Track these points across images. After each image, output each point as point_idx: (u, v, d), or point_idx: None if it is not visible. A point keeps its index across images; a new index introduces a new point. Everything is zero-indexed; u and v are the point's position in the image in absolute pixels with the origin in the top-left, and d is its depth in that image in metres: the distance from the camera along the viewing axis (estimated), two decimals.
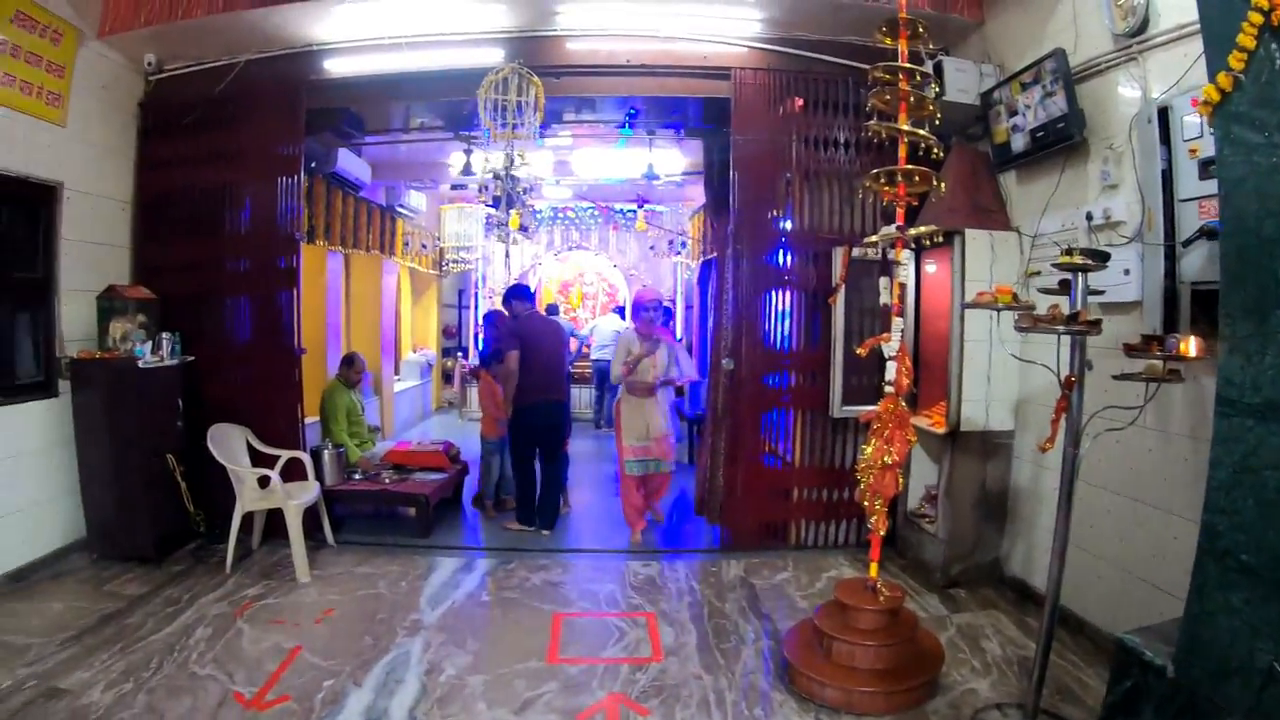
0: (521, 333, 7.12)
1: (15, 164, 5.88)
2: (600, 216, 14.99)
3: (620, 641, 4.88)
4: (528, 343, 7.05)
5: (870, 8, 5.77)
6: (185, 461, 6.50)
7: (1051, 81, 4.88)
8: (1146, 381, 3.56)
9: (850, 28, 6.17)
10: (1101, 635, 4.52)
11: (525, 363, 7.00)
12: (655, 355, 6.95)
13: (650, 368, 6.93)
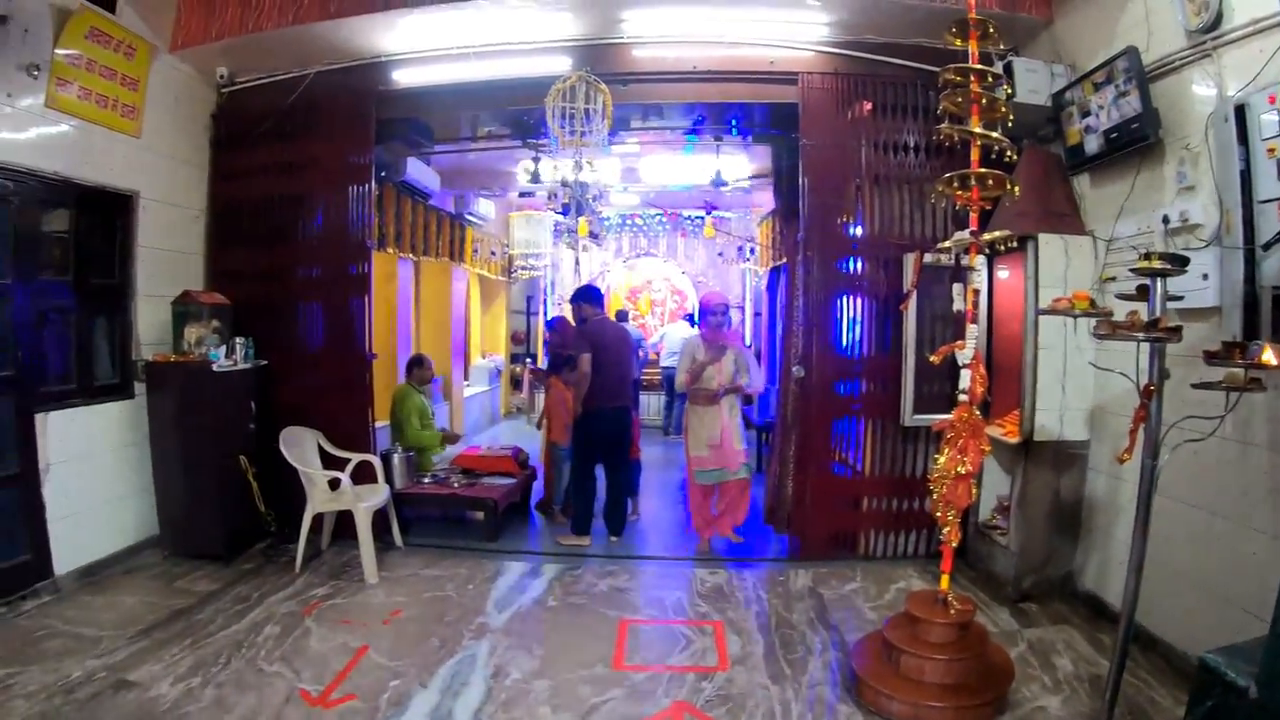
0: (591, 336, 7.03)
1: (93, 174, 6.06)
2: (668, 223, 15.00)
3: (687, 649, 4.84)
4: (597, 347, 6.96)
5: (938, 9, 5.68)
6: (257, 463, 6.63)
7: (1124, 81, 4.75)
8: (1227, 391, 3.44)
9: (918, 29, 6.08)
10: (1175, 653, 4.37)
11: (593, 367, 6.91)
12: (720, 362, 6.66)
13: (715, 375, 6.65)
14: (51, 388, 5.83)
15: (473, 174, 11.64)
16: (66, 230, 6.04)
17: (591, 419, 6.98)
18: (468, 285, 13.39)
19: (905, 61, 6.27)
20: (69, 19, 5.62)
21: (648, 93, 6.99)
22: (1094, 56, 5.17)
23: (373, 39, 6.71)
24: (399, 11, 6.23)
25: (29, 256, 5.66)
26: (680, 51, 6.60)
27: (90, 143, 5.99)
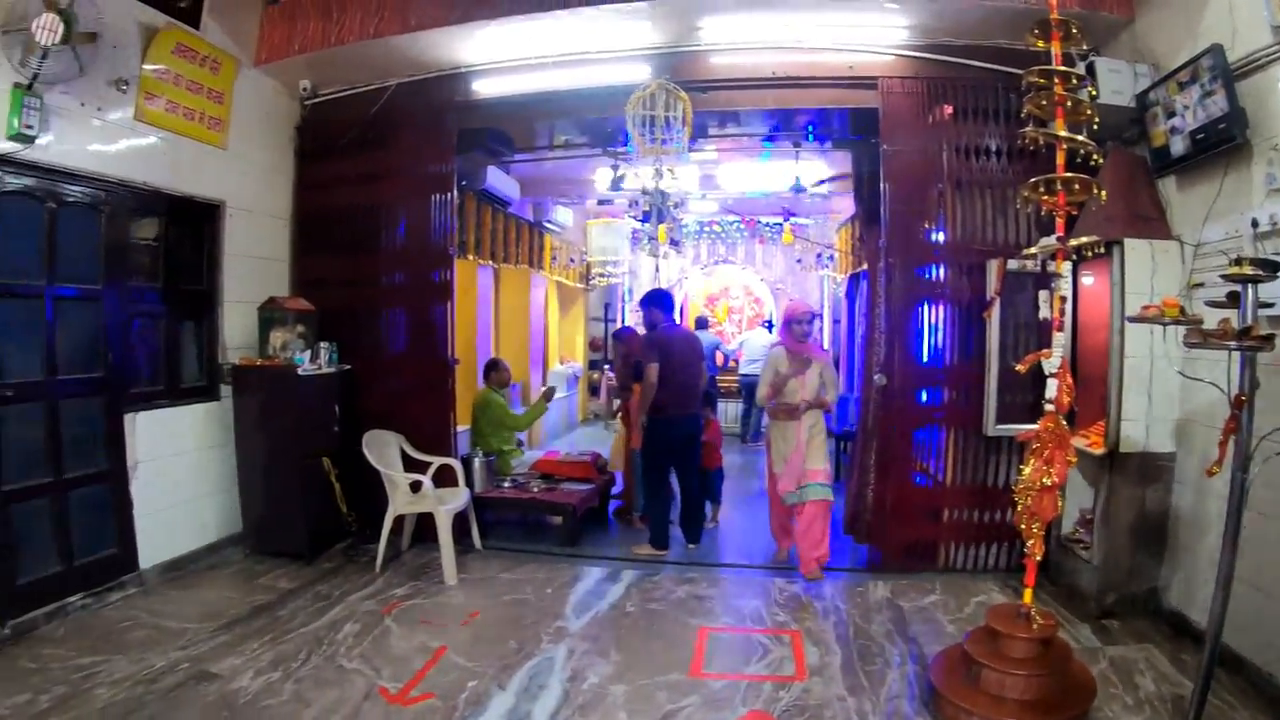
0: (660, 344, 6.92)
1: (181, 184, 6.28)
2: (746, 230, 14.92)
3: (764, 658, 4.78)
4: (666, 355, 6.83)
5: (1018, 9, 5.54)
6: (340, 464, 6.75)
7: (1210, 80, 4.58)
8: None
9: (998, 31, 5.96)
10: (1261, 676, 4.20)
11: (663, 375, 6.78)
12: (804, 375, 6.29)
13: (798, 389, 6.29)
14: (141, 389, 6.07)
15: (551, 182, 11.71)
16: (156, 238, 6.28)
17: (660, 427, 6.88)
18: (546, 292, 13.47)
19: (985, 64, 6.13)
20: (155, 35, 5.85)
21: (726, 99, 6.95)
22: (1177, 55, 5.01)
23: (452, 51, 6.79)
24: (477, 23, 6.31)
25: (120, 264, 5.88)
26: (758, 58, 6.57)
27: (178, 154, 6.19)
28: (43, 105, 4.98)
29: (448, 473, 6.80)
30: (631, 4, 5.98)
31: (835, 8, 5.97)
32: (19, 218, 5.12)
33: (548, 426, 12.70)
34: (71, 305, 5.48)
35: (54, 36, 4.69)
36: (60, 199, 5.38)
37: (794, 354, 6.36)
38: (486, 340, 10.62)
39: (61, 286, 5.39)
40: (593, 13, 6.10)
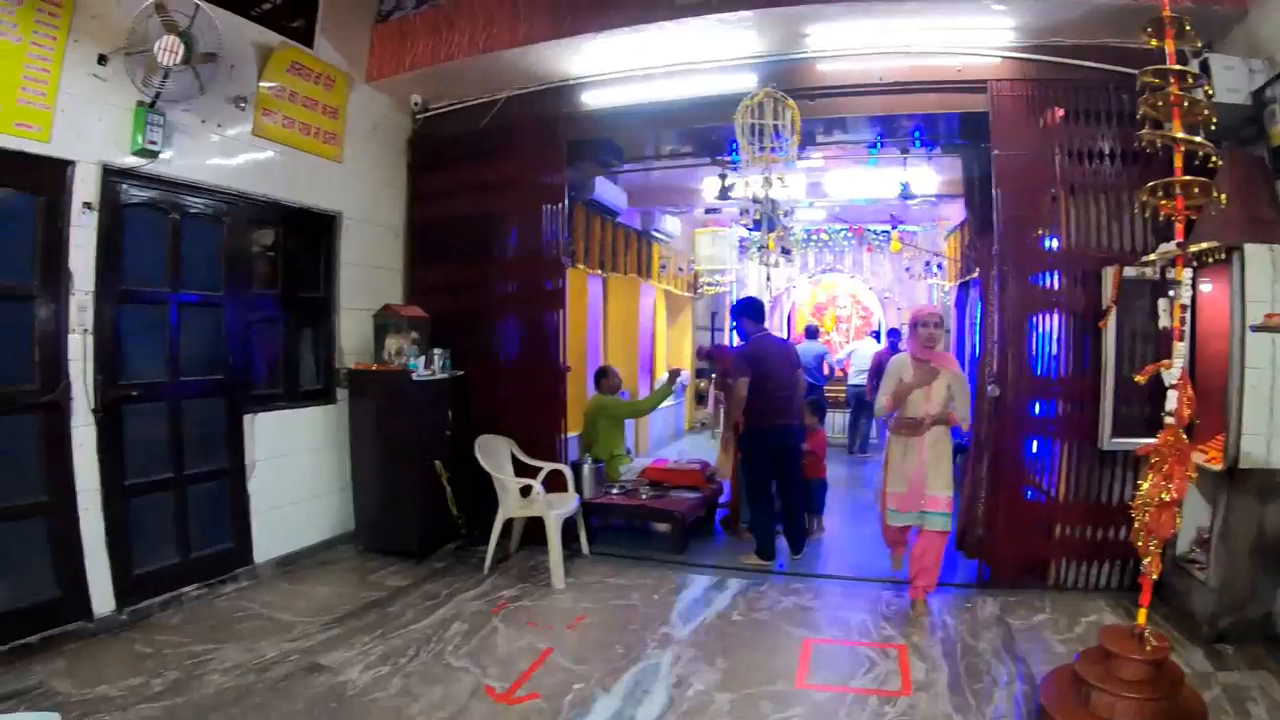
0: (752, 356, 6.82)
1: (298, 196, 6.56)
2: (854, 238, 14.75)
3: (870, 672, 4.69)
4: (759, 366, 6.72)
5: (1127, 6, 5.34)
6: (451, 468, 6.89)
7: None
8: None
9: (1108, 29, 5.76)
10: None
11: (757, 387, 6.69)
12: (931, 386, 5.65)
13: (922, 401, 5.66)
14: (260, 391, 6.35)
15: (659, 191, 11.74)
16: (274, 247, 6.54)
17: (756, 438, 6.79)
18: (654, 301, 13.54)
19: (1096, 64, 5.93)
20: (271, 55, 6.13)
21: (834, 106, 6.88)
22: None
23: (561, 63, 6.90)
24: (585, 36, 6.39)
25: (241, 272, 6.18)
26: (865, 63, 6.48)
27: (295, 167, 6.46)
28: (165, 122, 5.25)
29: (557, 478, 6.86)
30: (736, 14, 5.99)
31: (942, 11, 5.88)
32: (145, 228, 5.42)
33: (654, 435, 12.75)
34: (195, 311, 5.79)
35: (175, 57, 4.92)
36: (183, 210, 5.68)
37: (919, 362, 5.72)
38: (596, 348, 10.71)
39: (185, 293, 5.70)
40: (698, 23, 6.12)
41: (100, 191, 5.01)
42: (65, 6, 4.71)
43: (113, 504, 5.10)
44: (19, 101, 4.53)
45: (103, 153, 5.00)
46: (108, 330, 5.11)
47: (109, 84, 4.98)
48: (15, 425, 4.70)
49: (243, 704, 4.16)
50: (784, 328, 15.46)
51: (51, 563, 4.83)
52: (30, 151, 4.62)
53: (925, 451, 5.62)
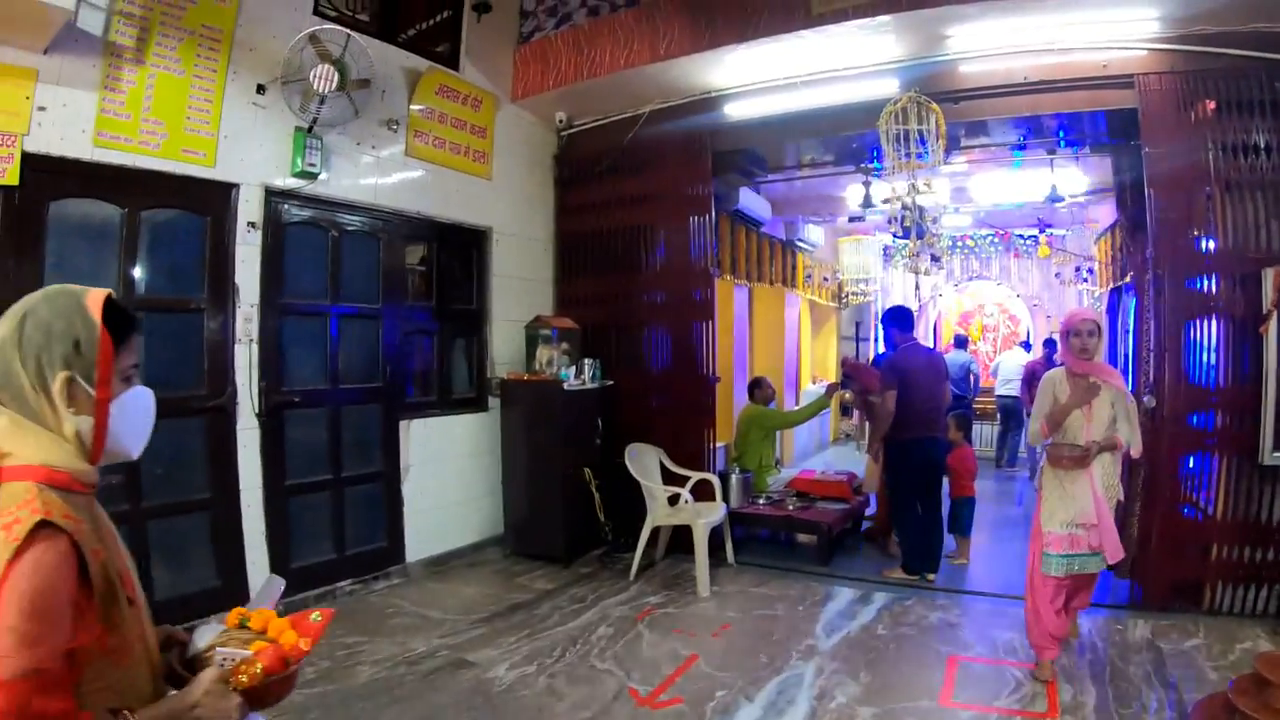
0: (898, 367, 6.65)
1: (450, 213, 6.83)
2: (1000, 244, 14.35)
3: (1016, 693, 4.55)
4: (906, 378, 6.54)
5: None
6: (599, 475, 7.01)
7: None
8: None
9: (1257, 13, 5.44)
10: None
11: (903, 398, 6.50)
12: (1092, 406, 4.71)
13: (1083, 424, 4.71)
14: (415, 399, 6.63)
15: (801, 201, 11.69)
16: (428, 262, 6.81)
17: (902, 449, 6.61)
18: (799, 310, 13.49)
19: (1247, 51, 5.60)
20: (419, 79, 6.41)
21: (978, 109, 6.74)
22: None
23: (702, 76, 6.96)
24: (725, 48, 6.43)
25: (396, 285, 6.46)
26: (1008, 63, 6.32)
27: (446, 185, 6.73)
28: (322, 145, 5.57)
29: (705, 487, 6.89)
30: (874, 18, 5.92)
31: (1082, 4, 5.68)
32: (305, 245, 5.77)
33: (799, 446, 12.67)
34: (353, 322, 6.11)
35: (330, 84, 5.21)
36: (341, 228, 6.00)
37: (1076, 376, 4.78)
38: (743, 358, 10.71)
39: (343, 305, 6.03)
40: (837, 29, 6.09)
41: (263, 211, 5.36)
42: (224, 41, 5.07)
43: (273, 502, 5.45)
44: (185, 130, 4.89)
45: (264, 175, 5.34)
46: (271, 340, 5.45)
47: (268, 111, 5.32)
48: (186, 428, 5.05)
49: (392, 694, 4.35)
50: (930, 337, 15.12)
51: (215, 554, 5.17)
52: (197, 176, 4.99)
53: (1097, 483, 4.66)
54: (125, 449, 1.64)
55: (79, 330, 1.53)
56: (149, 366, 4.78)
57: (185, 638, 1.75)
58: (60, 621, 1.38)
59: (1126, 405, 4.71)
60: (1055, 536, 4.70)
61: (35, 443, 1.50)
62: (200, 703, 1.52)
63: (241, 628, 1.74)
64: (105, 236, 4.71)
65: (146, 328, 4.81)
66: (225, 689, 1.57)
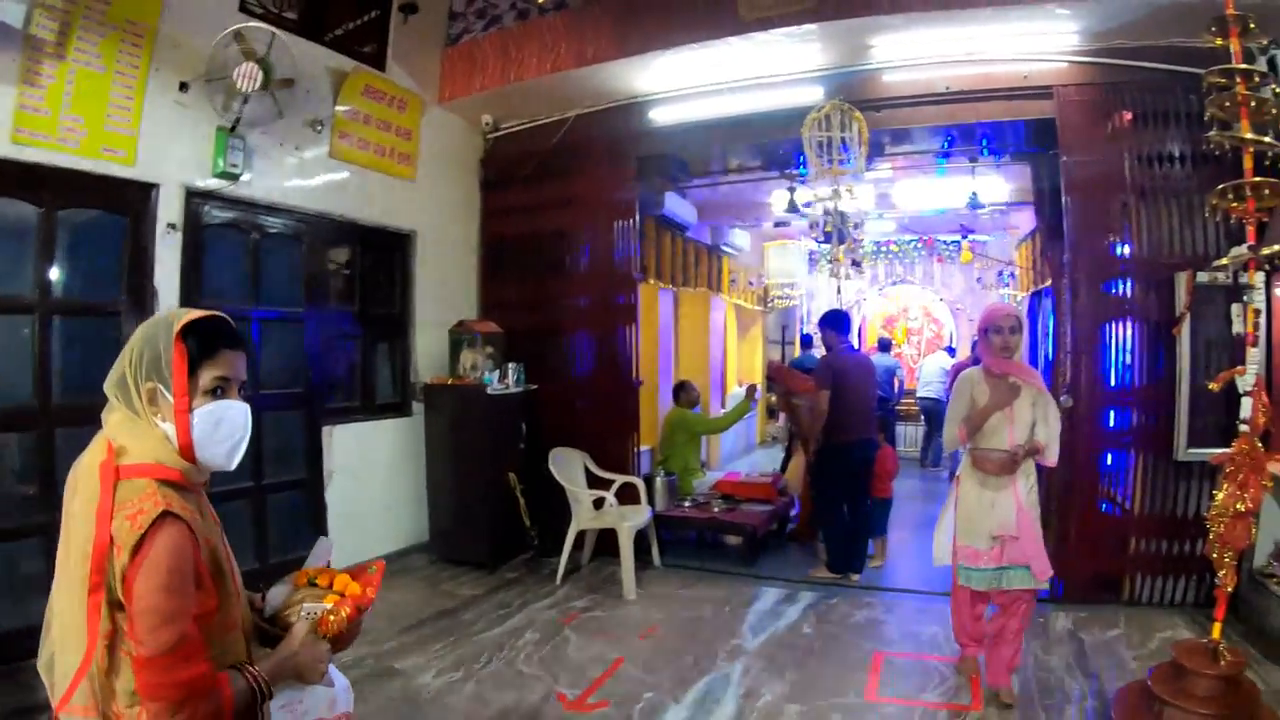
0: (835, 369, 6.72)
1: (374, 216, 6.77)
2: (924, 249, 14.64)
3: (941, 686, 4.65)
4: (841, 380, 6.64)
5: (1192, 5, 5.17)
6: (524, 480, 6.99)
7: None
8: None
9: (1173, 29, 5.62)
10: None
11: (840, 401, 6.61)
12: (1013, 408, 4.40)
13: (1005, 427, 4.40)
14: (338, 404, 6.55)
15: (727, 206, 11.74)
16: (351, 266, 6.74)
17: (836, 452, 6.70)
18: (725, 315, 13.57)
19: (1162, 65, 5.82)
20: (345, 79, 6.32)
21: (900, 117, 6.89)
22: None
23: (628, 81, 7.00)
24: (652, 54, 6.49)
25: (319, 289, 6.39)
26: (930, 73, 6.47)
27: (371, 187, 6.67)
28: (245, 145, 5.48)
29: (630, 490, 6.90)
30: (801, 26, 6.02)
31: (1004, 17, 5.82)
32: (227, 247, 5.67)
33: (726, 449, 12.77)
34: (275, 326, 6.02)
35: (253, 83, 5.12)
36: (263, 230, 5.91)
37: (995, 377, 4.46)
38: (668, 362, 10.76)
39: (266, 309, 5.92)
40: (763, 37, 6.17)
41: (183, 212, 5.25)
42: (147, 37, 4.95)
43: None
44: (105, 128, 4.78)
45: (185, 175, 5.24)
46: None
47: (190, 110, 5.21)
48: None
49: None
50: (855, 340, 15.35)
51: None
52: (117, 175, 4.87)
53: (1020, 491, 4.37)
54: (212, 456, 1.84)
55: (160, 347, 1.79)
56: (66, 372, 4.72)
57: (260, 603, 2.10)
58: (189, 595, 1.66)
59: (1047, 408, 4.43)
60: (972, 550, 4.43)
61: (147, 442, 1.77)
62: (298, 651, 1.88)
63: (310, 585, 2.11)
64: (21, 236, 4.60)
65: (63, 332, 4.75)
66: (315, 637, 1.93)
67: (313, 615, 1.96)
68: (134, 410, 1.78)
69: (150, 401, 1.78)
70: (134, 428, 1.78)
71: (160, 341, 1.80)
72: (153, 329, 1.83)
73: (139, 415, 1.78)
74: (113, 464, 1.72)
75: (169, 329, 1.81)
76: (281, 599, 2.06)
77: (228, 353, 1.86)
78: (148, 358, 1.79)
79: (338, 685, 2.09)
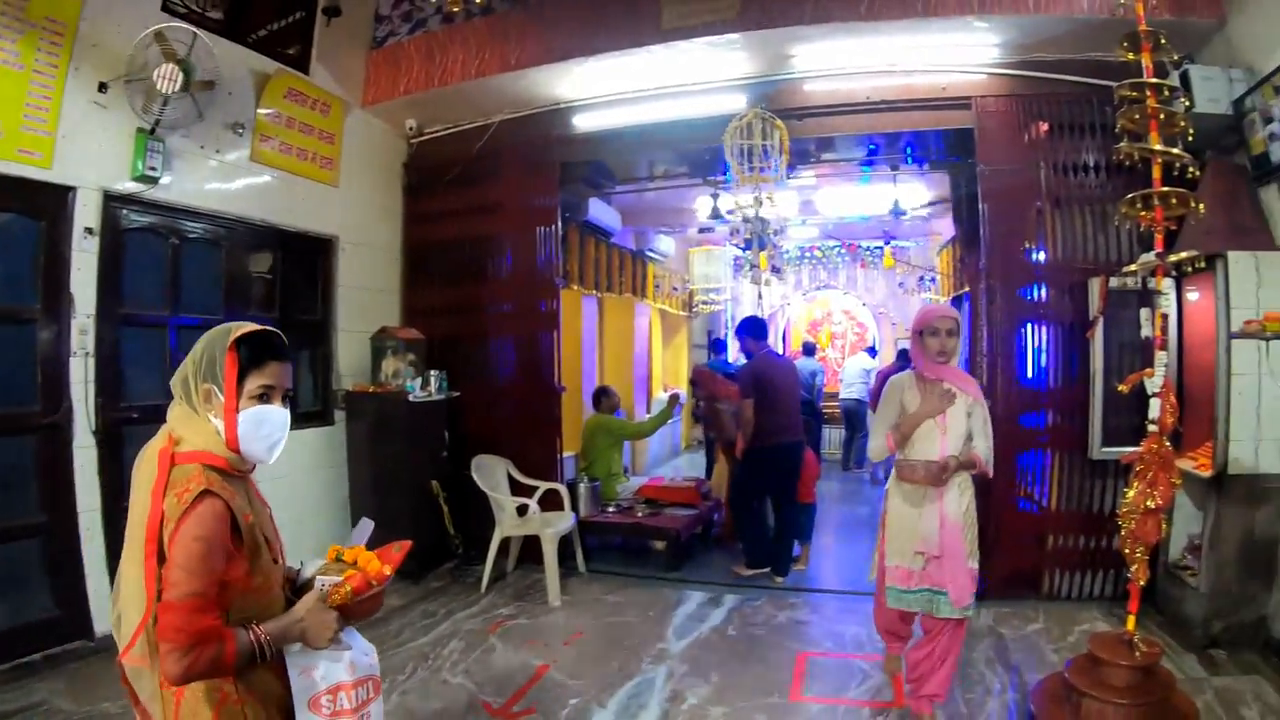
0: (758, 374, 6.87)
1: (295, 221, 6.65)
2: (847, 254, 14.85)
3: (864, 684, 4.75)
4: (766, 385, 6.75)
5: (1107, 21, 5.38)
6: (448, 488, 6.94)
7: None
8: None
9: (1089, 44, 5.83)
10: None
11: (766, 405, 6.71)
12: (946, 416, 4.08)
13: (938, 437, 4.07)
14: None
15: (652, 212, 11.82)
16: (272, 272, 6.60)
17: (762, 455, 6.77)
18: (650, 320, 13.58)
19: (1079, 78, 6.01)
20: (268, 81, 6.21)
21: (822, 126, 6.97)
22: (1272, 58, 4.84)
23: (552, 87, 7.01)
24: (576, 60, 6.51)
25: (239, 295, 6.24)
26: (852, 83, 6.58)
27: (292, 192, 6.55)
28: (165, 148, 5.35)
29: (553, 497, 6.92)
30: (724, 35, 6.09)
31: (925, 30, 5.94)
32: (145, 253, 5.52)
33: (651, 454, 12.79)
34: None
35: (174, 85, 5.02)
36: (182, 235, 5.77)
37: (929, 383, 4.15)
38: (592, 368, 10.75)
39: (184, 316, 5.77)
40: (686, 45, 6.23)
41: (101, 217, 5.10)
42: (66, 35, 4.81)
43: (115, 526, 5.09)
44: (21, 128, 4.63)
45: (103, 179, 5.10)
46: (108, 353, 5.18)
47: (109, 111, 5.08)
48: (17, 447, 4.79)
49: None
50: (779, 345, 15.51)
51: (52, 582, 4.89)
52: (32, 178, 4.72)
53: (949, 506, 4.07)
54: (254, 451, 2.14)
55: (217, 353, 2.08)
56: None
57: (294, 574, 2.37)
58: (215, 560, 1.93)
59: (984, 417, 4.16)
60: (896, 569, 4.16)
61: (200, 434, 2.07)
62: (304, 617, 2.09)
63: (338, 561, 2.31)
64: None
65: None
66: (322, 606, 2.13)
67: (324, 586, 2.18)
68: (192, 406, 2.09)
69: (206, 400, 2.09)
70: (190, 421, 2.09)
71: (217, 349, 2.09)
72: (213, 337, 2.12)
73: (195, 411, 2.09)
74: (170, 451, 2.03)
75: (225, 338, 2.10)
76: (310, 571, 2.32)
77: (274, 364, 2.16)
78: (206, 362, 2.09)
79: (356, 649, 2.25)
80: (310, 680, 2.13)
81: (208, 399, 2.09)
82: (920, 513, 4.07)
